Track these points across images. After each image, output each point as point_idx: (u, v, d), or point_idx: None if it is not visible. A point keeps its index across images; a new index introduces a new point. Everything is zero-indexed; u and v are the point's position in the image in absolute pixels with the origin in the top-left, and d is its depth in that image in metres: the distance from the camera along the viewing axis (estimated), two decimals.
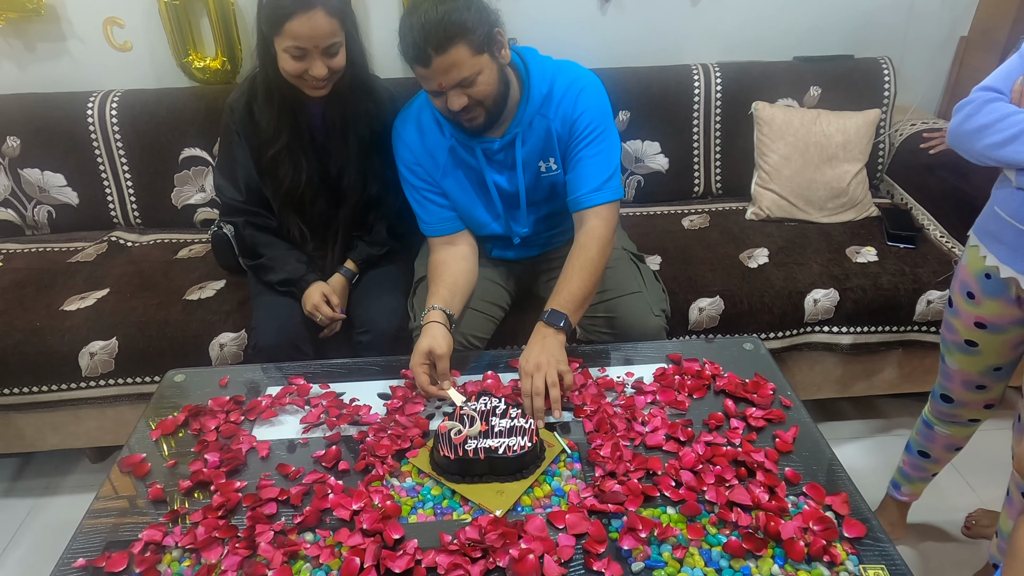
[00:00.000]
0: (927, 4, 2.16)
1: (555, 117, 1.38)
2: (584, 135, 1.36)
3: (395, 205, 1.60)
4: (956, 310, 1.26)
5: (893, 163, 2.11)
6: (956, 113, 1.15)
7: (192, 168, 2.02)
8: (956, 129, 1.14)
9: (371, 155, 1.55)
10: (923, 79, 2.27)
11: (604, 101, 1.40)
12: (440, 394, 1.20)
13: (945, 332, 1.32)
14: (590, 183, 1.35)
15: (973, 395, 1.33)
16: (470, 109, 1.28)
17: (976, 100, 1.11)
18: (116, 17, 2.00)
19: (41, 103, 1.99)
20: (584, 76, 1.40)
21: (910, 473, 1.53)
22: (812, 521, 0.93)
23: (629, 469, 1.03)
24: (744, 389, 1.20)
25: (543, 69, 1.38)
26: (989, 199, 1.19)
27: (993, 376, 1.29)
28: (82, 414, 1.72)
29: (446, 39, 1.17)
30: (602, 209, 1.35)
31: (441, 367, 1.22)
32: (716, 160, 2.12)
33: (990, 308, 1.20)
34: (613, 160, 1.38)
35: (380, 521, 0.95)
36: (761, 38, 2.16)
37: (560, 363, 1.18)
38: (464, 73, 1.21)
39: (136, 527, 0.98)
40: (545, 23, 2.07)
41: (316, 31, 1.32)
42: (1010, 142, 1.05)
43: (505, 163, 1.43)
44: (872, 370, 1.84)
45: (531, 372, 1.17)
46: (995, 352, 1.25)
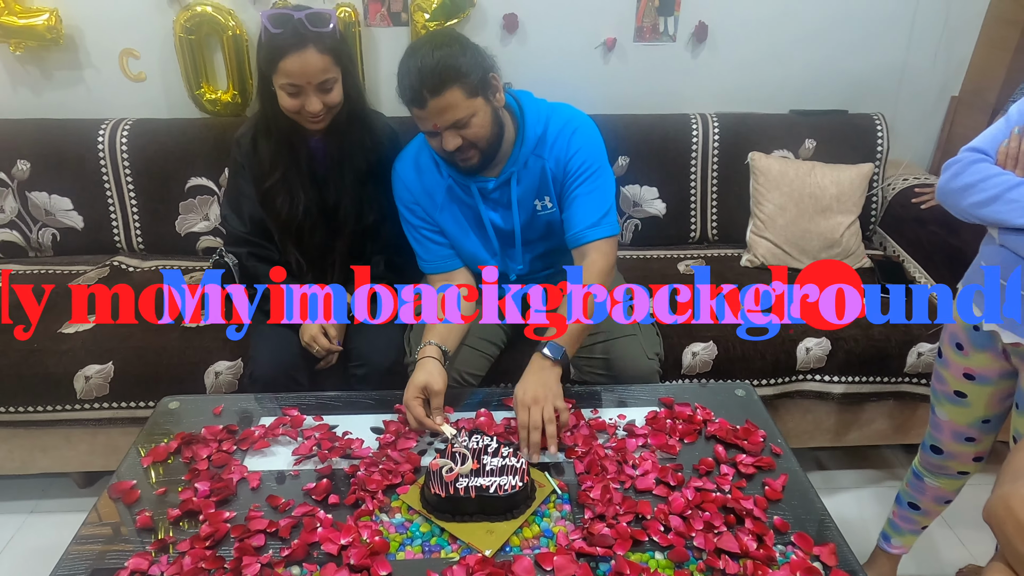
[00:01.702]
0: (920, 64, 2.23)
1: (549, 157, 1.41)
2: (579, 173, 1.40)
3: (392, 237, 1.62)
4: (946, 361, 1.29)
5: (886, 216, 2.15)
6: (944, 171, 1.19)
7: (198, 197, 2.05)
8: (944, 187, 1.18)
9: (367, 187, 1.59)
10: (915, 135, 2.34)
11: (598, 141, 1.43)
12: (434, 427, 1.21)
13: (935, 383, 1.34)
14: (587, 219, 1.38)
15: (962, 447, 1.34)
16: (464, 150, 1.31)
17: (963, 160, 1.15)
18: (132, 49, 2.06)
19: (53, 128, 2.03)
20: (577, 117, 1.44)
21: (900, 525, 1.52)
22: (799, 571, 0.94)
23: (618, 512, 1.04)
24: (735, 435, 1.21)
25: (538, 111, 1.42)
26: (977, 256, 1.22)
27: (982, 428, 1.31)
28: (74, 437, 1.72)
29: (441, 82, 1.22)
30: (601, 244, 1.37)
31: (435, 403, 1.23)
32: (712, 207, 2.16)
33: (978, 360, 1.22)
34: (608, 198, 1.41)
35: (368, 557, 0.95)
36: (758, 91, 2.22)
37: (557, 398, 1.19)
38: (458, 115, 1.26)
39: (123, 555, 0.98)
40: (548, 71, 2.13)
41: (308, 68, 1.37)
42: (992, 202, 1.09)
43: (500, 201, 1.46)
44: (864, 420, 1.85)
45: (528, 405, 1.17)
46: (984, 404, 1.27)
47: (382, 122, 1.64)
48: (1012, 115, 1.15)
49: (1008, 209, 1.07)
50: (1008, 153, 1.12)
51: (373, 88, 2.13)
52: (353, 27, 2.01)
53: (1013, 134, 1.12)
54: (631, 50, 2.15)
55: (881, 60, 2.22)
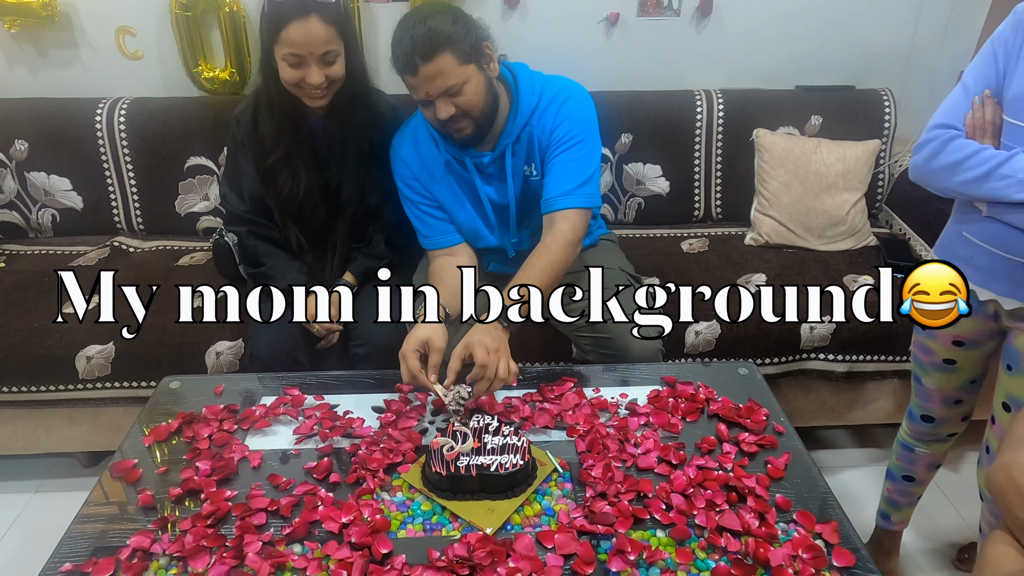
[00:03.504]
0: (928, 38, 2.19)
1: (538, 125, 1.41)
2: (563, 141, 1.39)
3: (394, 217, 1.61)
4: (932, 332, 1.28)
5: (892, 193, 2.13)
6: (917, 151, 1.19)
7: (197, 176, 2.03)
8: (923, 166, 1.18)
9: (370, 167, 1.57)
10: (924, 112, 2.26)
11: (589, 113, 1.42)
12: (427, 383, 1.18)
13: (920, 354, 1.34)
14: (562, 186, 1.37)
15: (951, 410, 1.38)
16: (458, 119, 1.31)
17: (937, 138, 1.15)
18: (128, 26, 2.03)
19: (51, 108, 2.01)
20: (571, 87, 1.43)
21: (897, 500, 1.53)
22: (801, 549, 0.93)
23: (620, 490, 1.03)
24: (737, 414, 1.20)
25: (532, 82, 1.41)
26: (948, 223, 1.24)
27: (969, 389, 1.34)
28: (76, 417, 1.72)
29: (432, 48, 1.22)
30: (571, 213, 1.36)
31: (434, 360, 1.20)
32: (716, 185, 2.14)
33: (967, 326, 1.23)
34: (589, 168, 1.39)
35: (369, 535, 0.95)
36: (764, 66, 2.19)
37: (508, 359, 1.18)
38: (450, 81, 1.25)
39: (124, 533, 0.98)
40: (549, 46, 2.10)
41: (311, 37, 1.35)
42: (986, 179, 1.08)
43: (496, 175, 1.46)
44: (866, 399, 1.84)
45: (490, 350, 1.15)
46: (972, 366, 1.30)
47: (385, 101, 1.62)
48: (968, 84, 1.14)
49: (1003, 185, 1.06)
50: (975, 125, 1.12)
51: (373, 65, 2.08)
52: (353, 2, 1.97)
53: (975, 104, 1.12)
54: (634, 25, 2.12)
55: (889, 35, 2.18)
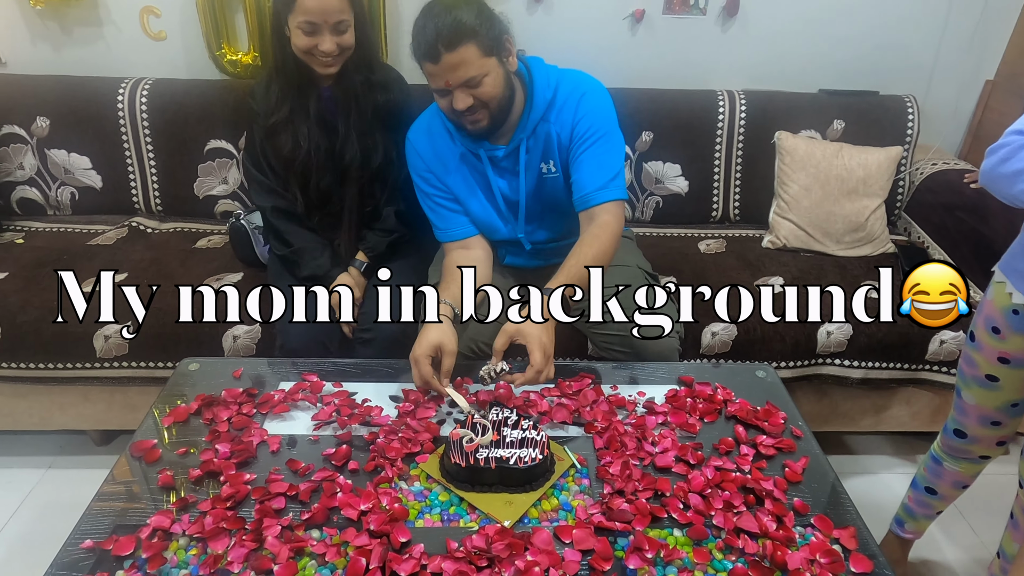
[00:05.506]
0: (955, 45, 2.17)
1: (556, 121, 1.40)
2: (586, 137, 1.39)
3: (400, 181, 1.65)
4: (979, 344, 1.26)
5: (912, 201, 2.11)
6: (989, 155, 1.15)
7: (216, 160, 2.04)
8: (991, 171, 1.14)
9: (375, 131, 1.61)
10: (947, 119, 2.28)
11: (608, 106, 1.42)
12: (440, 389, 1.19)
13: (964, 366, 1.31)
14: (596, 181, 1.37)
15: (988, 431, 1.33)
16: (474, 110, 1.31)
17: (1011, 144, 1.11)
18: (153, 7, 2.03)
19: (73, 86, 2.02)
20: (587, 82, 1.42)
21: (915, 510, 1.52)
22: (819, 553, 0.93)
23: (638, 488, 1.03)
24: (755, 416, 1.20)
25: (547, 77, 1.41)
26: (1018, 237, 1.19)
27: (1010, 412, 1.29)
28: (92, 395, 1.73)
29: (457, 37, 1.22)
30: (611, 206, 1.36)
31: (447, 364, 1.21)
32: (736, 186, 2.13)
33: (1016, 343, 1.20)
34: (619, 161, 1.40)
35: (388, 523, 0.95)
36: (787, 69, 2.17)
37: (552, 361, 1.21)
38: (471, 72, 1.25)
39: (144, 512, 0.99)
40: (574, 41, 2.09)
41: (326, 5, 1.42)
42: None
43: (509, 169, 1.46)
44: (880, 406, 1.84)
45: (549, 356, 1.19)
46: (1015, 387, 1.26)
47: (392, 71, 1.68)
48: None
49: None
50: None
51: (395, 57, 2.10)
52: None
53: None
54: (660, 22, 2.10)
55: (915, 40, 2.16)
